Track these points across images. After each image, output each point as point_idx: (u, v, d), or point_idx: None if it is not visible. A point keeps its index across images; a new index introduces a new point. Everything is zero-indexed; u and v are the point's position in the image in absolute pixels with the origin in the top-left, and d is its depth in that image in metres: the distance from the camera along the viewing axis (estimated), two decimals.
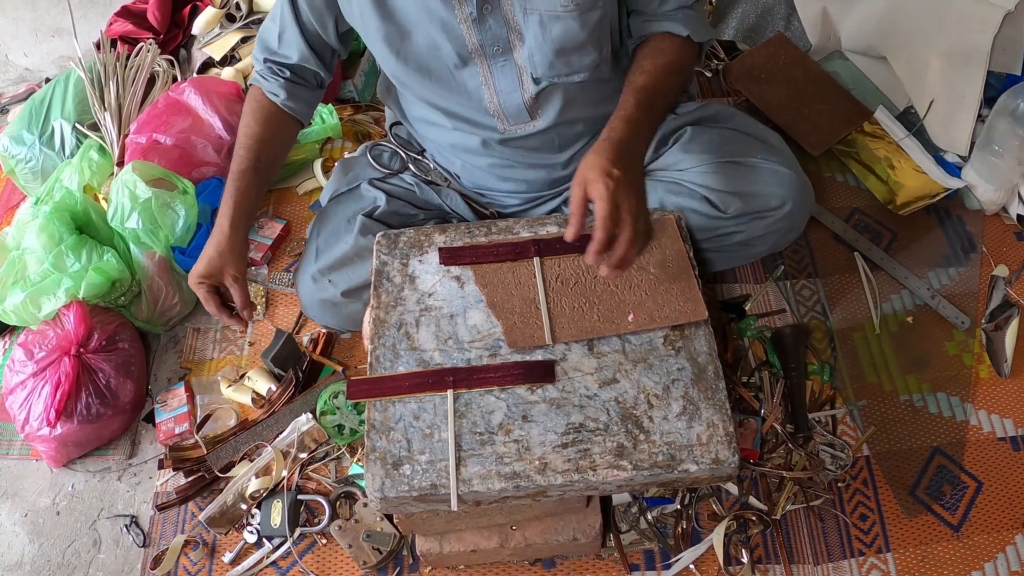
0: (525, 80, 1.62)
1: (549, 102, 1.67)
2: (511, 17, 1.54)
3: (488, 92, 1.64)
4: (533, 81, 1.62)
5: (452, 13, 1.52)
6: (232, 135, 2.34)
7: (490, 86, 1.63)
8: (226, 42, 2.71)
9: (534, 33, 1.55)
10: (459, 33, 1.55)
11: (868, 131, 2.29)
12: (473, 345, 1.50)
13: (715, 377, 1.45)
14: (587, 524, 1.62)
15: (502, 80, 1.62)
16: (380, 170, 1.87)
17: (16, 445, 2.06)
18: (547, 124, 1.70)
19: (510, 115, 1.68)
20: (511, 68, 1.61)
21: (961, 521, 1.74)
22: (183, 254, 2.16)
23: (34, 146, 2.45)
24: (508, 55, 1.59)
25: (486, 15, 1.52)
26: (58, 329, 1.97)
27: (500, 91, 1.63)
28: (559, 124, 1.70)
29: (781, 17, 2.56)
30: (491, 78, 1.62)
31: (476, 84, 1.63)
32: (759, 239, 1.77)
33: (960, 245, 2.14)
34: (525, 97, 1.65)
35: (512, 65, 1.60)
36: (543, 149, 1.76)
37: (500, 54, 1.59)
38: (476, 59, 1.59)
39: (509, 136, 1.72)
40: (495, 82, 1.62)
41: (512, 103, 1.65)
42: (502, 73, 1.61)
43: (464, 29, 1.54)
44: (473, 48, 1.57)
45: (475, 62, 1.60)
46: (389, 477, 1.38)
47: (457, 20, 1.53)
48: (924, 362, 1.95)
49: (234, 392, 2.00)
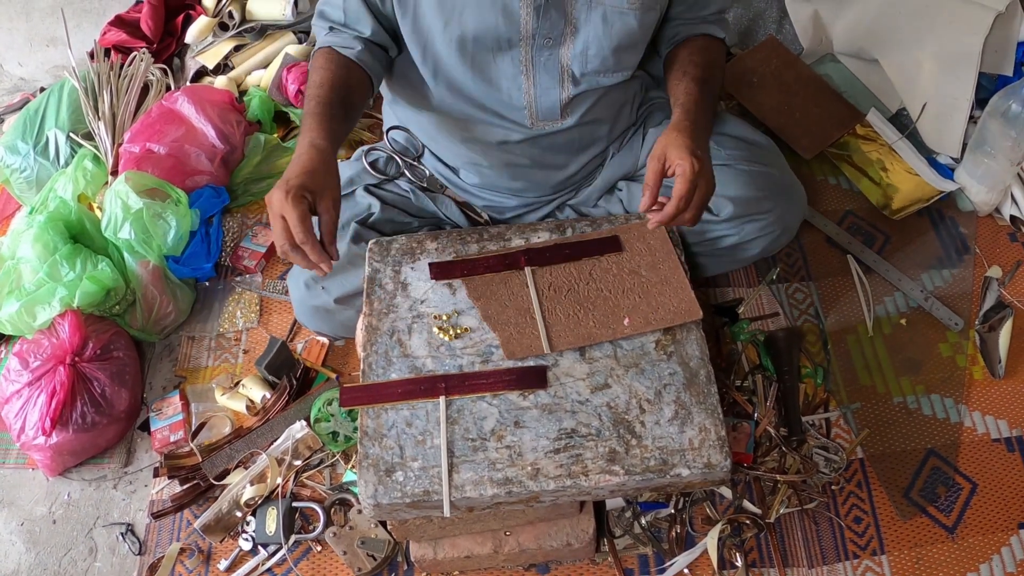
0: (565, 79, 1.63)
1: (581, 103, 1.69)
2: (571, 10, 1.55)
3: (526, 83, 1.64)
4: (572, 82, 1.63)
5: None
6: (225, 144, 2.34)
7: (530, 78, 1.63)
8: (219, 51, 2.71)
9: (595, 27, 1.56)
10: (517, 18, 1.54)
11: (861, 134, 2.30)
12: (465, 352, 1.51)
13: (707, 381, 1.46)
14: (581, 529, 1.62)
15: (543, 75, 1.62)
16: (376, 176, 1.87)
17: (12, 454, 2.06)
18: (573, 123, 1.71)
19: (542, 112, 1.68)
20: (554, 64, 1.61)
21: (956, 523, 1.74)
22: (177, 263, 2.16)
23: (29, 156, 2.45)
24: (555, 49, 1.59)
25: (550, 5, 1.53)
26: (53, 338, 1.97)
27: (539, 85, 1.64)
28: (583, 124, 1.72)
29: (773, 21, 2.57)
30: (532, 70, 1.62)
31: (514, 72, 1.63)
32: (751, 242, 1.78)
33: (953, 247, 2.15)
34: (562, 96, 1.66)
35: (555, 61, 1.61)
36: (560, 149, 1.76)
37: (548, 46, 1.59)
38: (523, 48, 1.59)
39: (535, 133, 1.72)
40: (535, 75, 1.63)
41: (548, 100, 1.66)
42: (544, 68, 1.61)
43: (523, 14, 1.54)
44: (524, 35, 1.57)
45: (520, 50, 1.59)
46: (382, 484, 1.38)
47: (520, 5, 1.53)
48: (918, 364, 1.95)
49: (229, 400, 2.00)
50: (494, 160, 1.80)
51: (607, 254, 1.61)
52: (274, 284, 2.22)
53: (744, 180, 1.72)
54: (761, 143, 1.80)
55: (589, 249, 1.63)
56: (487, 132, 1.74)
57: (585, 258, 1.62)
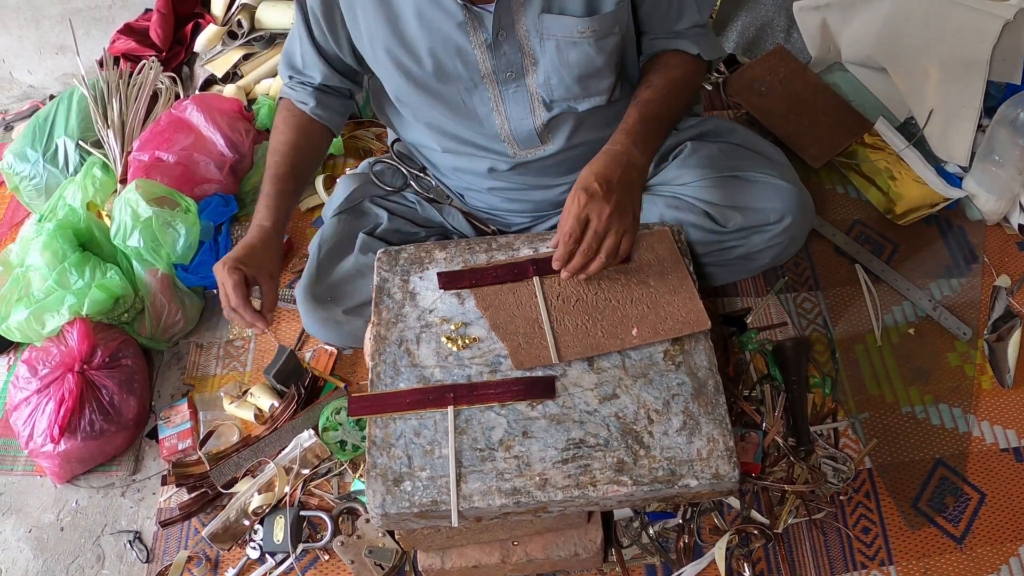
0: (536, 106, 1.63)
1: (560, 127, 1.68)
2: (525, 43, 1.54)
3: (499, 118, 1.64)
4: (545, 107, 1.63)
5: (467, 39, 1.51)
6: (234, 152, 2.35)
7: (500, 112, 1.63)
8: (228, 59, 2.72)
9: (551, 58, 1.55)
10: (473, 59, 1.54)
11: (868, 142, 2.30)
12: (473, 361, 1.51)
13: (715, 392, 1.45)
14: (588, 539, 1.62)
15: (513, 107, 1.62)
16: (382, 187, 1.87)
17: (20, 461, 2.07)
18: (557, 148, 1.70)
19: (520, 141, 1.68)
20: (523, 94, 1.61)
21: (964, 533, 1.73)
22: (186, 271, 2.17)
23: (38, 163, 2.46)
24: (520, 80, 1.59)
25: (501, 41, 1.52)
26: (62, 346, 1.98)
27: (511, 117, 1.64)
28: (568, 148, 1.70)
29: (781, 30, 2.57)
30: (502, 104, 1.62)
31: (486, 110, 1.63)
32: (760, 253, 1.77)
33: (962, 256, 2.14)
34: (536, 123, 1.65)
35: (524, 91, 1.60)
36: (551, 173, 1.76)
37: (512, 79, 1.59)
38: (488, 84, 1.59)
39: (520, 161, 1.72)
40: (506, 108, 1.62)
41: (523, 129, 1.66)
42: (513, 99, 1.61)
43: (479, 55, 1.54)
44: (486, 73, 1.57)
45: (486, 87, 1.59)
46: (390, 493, 1.38)
47: (472, 46, 1.52)
48: (926, 374, 1.95)
49: (237, 408, 2.00)
50: (485, 185, 1.81)
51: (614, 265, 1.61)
52: (283, 293, 2.22)
53: (753, 191, 1.71)
54: (769, 153, 1.80)
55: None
56: (474, 163, 1.76)
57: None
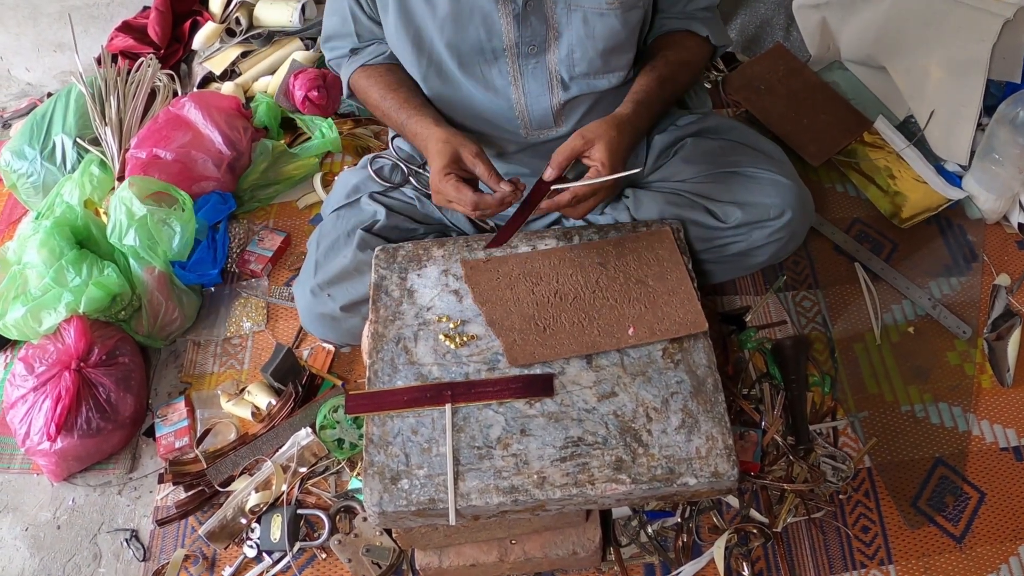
0: (554, 85, 1.63)
1: (575, 109, 1.68)
2: (551, 15, 1.55)
3: (516, 93, 1.64)
4: (562, 87, 1.63)
5: (496, 7, 1.52)
6: (232, 149, 2.34)
7: (518, 87, 1.63)
8: (226, 57, 2.72)
9: (576, 30, 1.56)
10: (498, 28, 1.55)
11: (868, 141, 2.29)
12: (471, 359, 1.50)
13: (714, 390, 1.45)
14: (587, 538, 1.61)
15: (531, 83, 1.63)
16: (381, 183, 1.87)
17: (17, 459, 2.06)
18: (569, 130, 1.70)
19: (535, 120, 1.68)
20: (542, 70, 1.61)
21: (964, 532, 1.73)
22: (183, 268, 2.16)
23: (35, 161, 2.45)
24: (541, 56, 1.59)
25: (529, 12, 1.53)
26: (59, 343, 1.97)
27: (528, 93, 1.64)
28: None
29: (780, 28, 2.56)
30: (520, 79, 1.62)
31: (504, 83, 1.63)
32: (759, 249, 1.77)
33: (961, 254, 2.14)
34: (553, 102, 1.65)
35: (543, 68, 1.61)
36: None
37: (534, 54, 1.59)
38: (508, 57, 1.59)
39: (531, 142, 1.72)
40: (524, 84, 1.63)
41: (539, 107, 1.66)
42: (532, 76, 1.62)
43: (504, 24, 1.54)
44: (508, 45, 1.57)
45: (506, 59, 1.59)
46: (387, 492, 1.38)
47: (499, 14, 1.53)
48: (926, 372, 1.95)
49: (234, 406, 2.00)
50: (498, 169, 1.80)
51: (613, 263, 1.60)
52: (280, 290, 2.22)
53: (752, 187, 1.71)
54: (768, 150, 1.80)
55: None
56: (484, 144, 1.74)
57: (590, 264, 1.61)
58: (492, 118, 1.70)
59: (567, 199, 1.48)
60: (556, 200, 1.49)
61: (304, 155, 2.45)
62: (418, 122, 1.61)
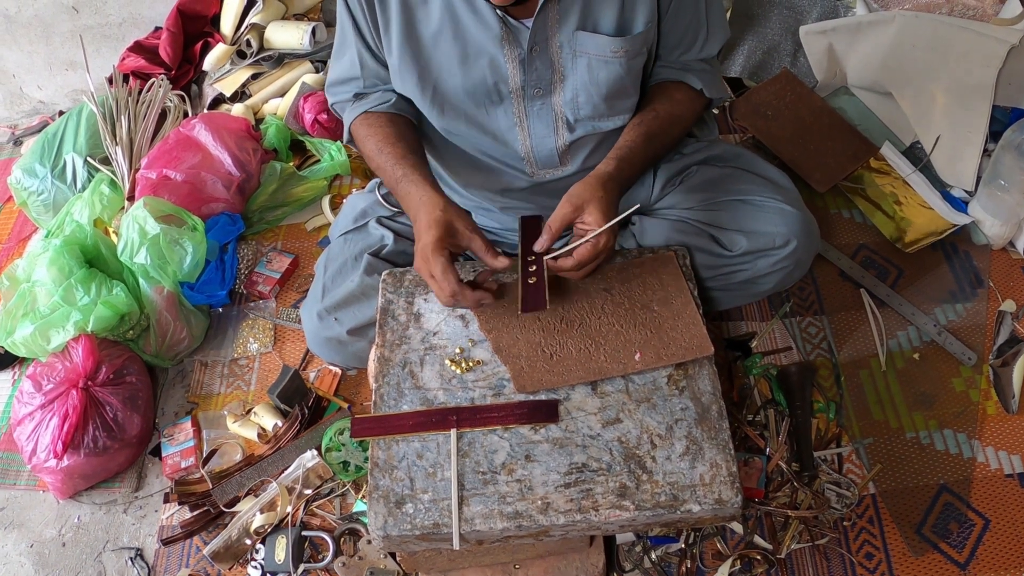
0: (560, 126, 1.63)
1: (580, 149, 1.69)
2: (557, 59, 1.55)
3: (522, 134, 1.65)
4: (568, 128, 1.63)
5: (501, 52, 1.53)
6: (241, 171, 2.36)
7: (524, 128, 1.64)
8: (237, 78, 2.74)
9: (581, 75, 1.56)
10: (504, 72, 1.55)
11: (874, 167, 2.30)
12: (477, 384, 1.51)
13: (719, 417, 1.45)
14: (590, 563, 1.61)
15: (537, 124, 1.63)
16: (389, 208, 1.88)
17: (23, 476, 2.07)
18: (575, 169, 1.71)
19: (541, 160, 1.69)
20: (547, 112, 1.61)
21: (968, 559, 1.73)
22: (191, 289, 2.17)
23: (46, 179, 2.48)
24: (547, 98, 1.60)
25: (534, 56, 1.54)
26: (66, 362, 1.98)
27: (534, 135, 1.64)
28: (585, 170, 1.69)
29: (787, 54, 2.57)
30: (526, 120, 1.63)
31: (509, 124, 1.64)
32: (765, 277, 1.77)
33: (967, 280, 2.14)
34: (559, 143, 1.66)
35: (549, 109, 1.61)
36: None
37: (539, 96, 1.59)
38: (514, 99, 1.60)
39: (538, 180, 1.73)
40: (530, 125, 1.63)
41: (544, 148, 1.66)
42: (538, 117, 1.62)
43: (510, 68, 1.55)
44: (514, 88, 1.58)
45: (512, 101, 1.60)
46: (392, 515, 1.38)
47: (505, 58, 1.54)
48: (931, 399, 1.95)
49: (240, 427, 2.00)
50: (501, 205, 1.81)
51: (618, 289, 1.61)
52: (287, 312, 2.23)
53: (757, 215, 1.72)
54: (775, 178, 1.80)
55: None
56: (490, 181, 1.76)
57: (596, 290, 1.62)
58: (498, 157, 1.70)
59: (570, 264, 1.48)
60: (559, 265, 1.49)
61: (313, 177, 2.47)
62: (413, 182, 1.53)
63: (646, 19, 1.53)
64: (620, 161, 1.56)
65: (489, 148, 1.69)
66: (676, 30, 1.62)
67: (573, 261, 1.47)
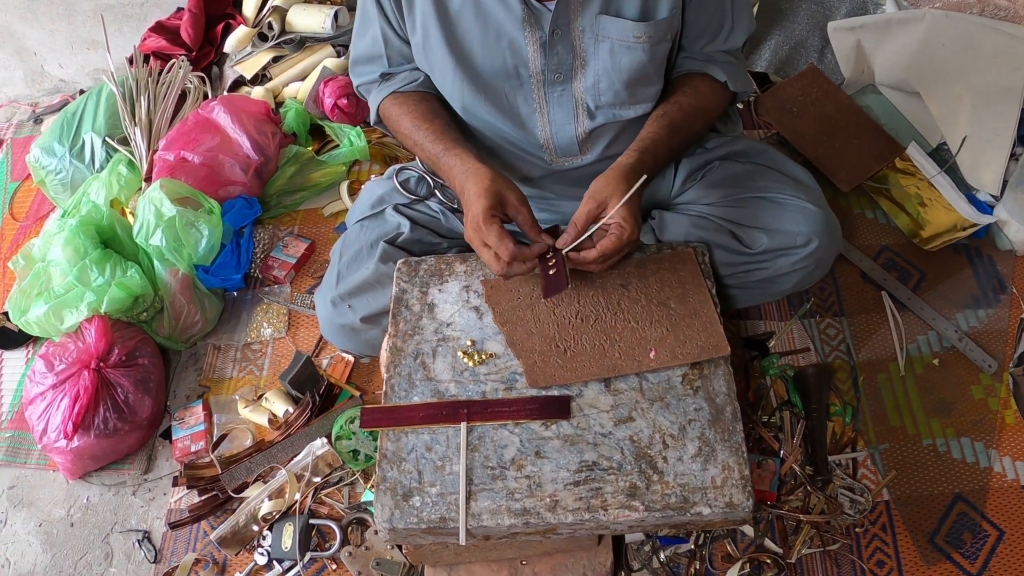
0: (580, 113, 1.62)
1: (600, 137, 1.67)
2: (578, 44, 1.54)
3: (541, 120, 1.63)
4: (588, 116, 1.62)
5: (522, 34, 1.51)
6: (260, 155, 2.35)
7: (544, 114, 1.62)
8: (258, 61, 2.73)
9: (603, 61, 1.54)
10: (524, 56, 1.54)
11: (900, 167, 2.27)
12: (489, 378, 1.49)
13: (733, 419, 1.43)
14: (598, 562, 1.60)
15: (557, 111, 1.61)
16: (406, 195, 1.86)
17: (34, 455, 2.08)
18: (595, 158, 1.69)
19: (560, 148, 1.67)
20: (568, 98, 1.60)
21: (981, 570, 1.70)
22: (206, 272, 2.17)
23: (64, 158, 2.48)
24: (567, 84, 1.58)
25: (556, 40, 1.52)
26: (79, 342, 1.98)
27: (553, 121, 1.63)
28: (605, 159, 1.68)
29: (814, 50, 2.54)
30: (545, 106, 1.61)
31: (529, 110, 1.62)
32: (785, 276, 1.75)
33: (990, 286, 2.11)
34: (578, 131, 1.64)
35: (569, 95, 1.59)
36: (585, 183, 1.74)
37: (559, 82, 1.58)
38: (534, 83, 1.58)
39: (555, 169, 1.72)
40: (549, 111, 1.62)
41: (564, 135, 1.65)
42: (558, 103, 1.60)
43: (531, 52, 1.53)
44: (534, 72, 1.56)
45: (532, 86, 1.58)
46: (399, 508, 1.37)
47: (526, 41, 1.52)
48: (949, 406, 1.92)
49: (251, 412, 2.00)
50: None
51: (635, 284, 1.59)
52: (302, 298, 2.22)
53: (780, 214, 1.69)
54: (799, 176, 1.77)
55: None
56: (509, 168, 1.75)
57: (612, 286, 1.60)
58: (517, 143, 1.69)
59: (594, 256, 1.47)
60: (583, 257, 1.48)
61: (331, 162, 2.45)
62: (456, 156, 1.55)
63: (670, 5, 1.51)
64: (642, 153, 1.54)
65: (509, 134, 1.67)
66: (700, 19, 1.60)
67: (596, 253, 1.46)
